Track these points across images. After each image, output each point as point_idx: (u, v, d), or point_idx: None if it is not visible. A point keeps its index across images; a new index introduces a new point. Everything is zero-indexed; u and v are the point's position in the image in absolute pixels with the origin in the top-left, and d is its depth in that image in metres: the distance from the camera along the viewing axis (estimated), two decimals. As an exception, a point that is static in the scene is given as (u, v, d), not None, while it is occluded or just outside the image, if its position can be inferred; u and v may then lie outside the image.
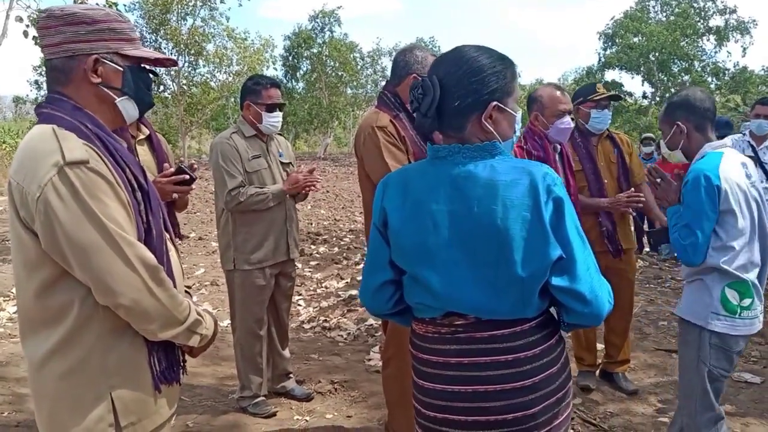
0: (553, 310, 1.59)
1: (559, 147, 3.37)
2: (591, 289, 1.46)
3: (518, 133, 1.61)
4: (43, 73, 22.08)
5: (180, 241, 4.03)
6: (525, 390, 1.49)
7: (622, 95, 4.98)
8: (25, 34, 8.18)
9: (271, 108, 3.41)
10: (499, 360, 1.49)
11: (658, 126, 2.96)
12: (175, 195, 2.72)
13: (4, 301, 5.87)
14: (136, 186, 1.48)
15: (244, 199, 3.30)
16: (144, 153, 2.91)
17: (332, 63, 30.16)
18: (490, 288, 1.46)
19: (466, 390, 1.51)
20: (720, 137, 2.54)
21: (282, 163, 3.59)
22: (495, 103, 1.50)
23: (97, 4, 8.49)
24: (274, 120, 3.44)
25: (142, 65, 1.58)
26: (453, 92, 1.48)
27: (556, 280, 1.45)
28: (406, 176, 1.59)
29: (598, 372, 4.01)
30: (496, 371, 1.49)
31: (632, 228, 3.93)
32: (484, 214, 1.44)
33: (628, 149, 3.89)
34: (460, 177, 1.48)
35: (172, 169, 2.64)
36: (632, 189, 3.72)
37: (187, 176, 2.57)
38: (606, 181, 3.74)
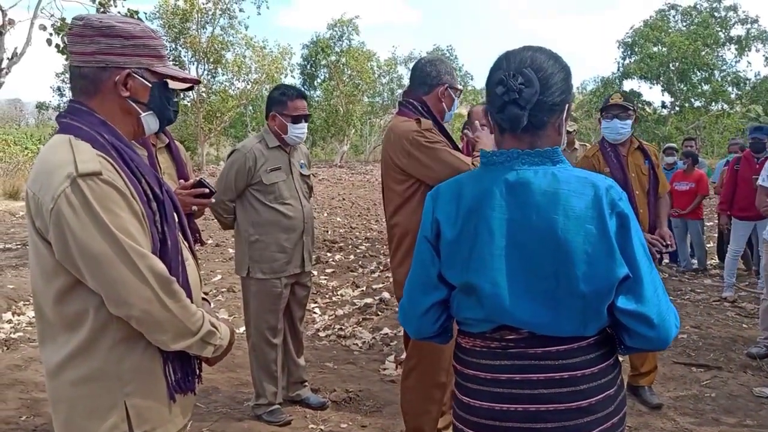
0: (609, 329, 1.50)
1: None
2: (659, 313, 1.36)
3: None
4: (65, 80, 22.44)
5: (200, 247, 4.05)
6: (581, 411, 1.39)
7: (630, 106, 4.82)
8: (49, 42, 8.33)
9: (297, 119, 3.41)
10: (554, 378, 1.39)
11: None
12: (194, 207, 2.73)
13: (24, 305, 5.94)
14: (151, 196, 1.48)
15: (215, 213, 3.46)
16: (164, 161, 2.94)
17: (349, 71, 30.31)
18: (548, 302, 1.37)
19: (516, 409, 1.41)
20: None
21: (302, 175, 3.59)
22: (569, 104, 1.46)
23: (118, 12, 8.63)
24: (299, 131, 3.44)
25: (167, 81, 1.60)
26: (549, 87, 1.41)
27: (622, 302, 1.36)
28: (459, 185, 1.50)
29: (625, 387, 3.96)
30: (550, 389, 1.39)
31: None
32: (544, 224, 1.35)
33: (656, 161, 3.85)
34: (519, 183, 1.39)
35: (192, 181, 2.65)
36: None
37: (207, 189, 2.58)
38: (637, 192, 3.70)
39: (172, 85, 1.61)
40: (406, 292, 1.59)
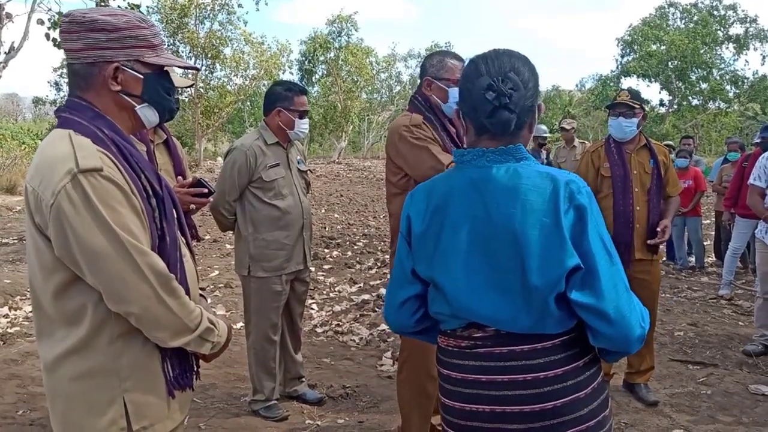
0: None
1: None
2: (617, 309, 1.33)
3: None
4: (62, 74, 22.37)
5: (197, 243, 4.05)
6: (546, 414, 1.38)
7: (636, 105, 4.78)
8: (47, 36, 8.30)
9: (302, 114, 3.42)
10: (518, 379, 1.39)
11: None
12: (192, 206, 2.72)
13: (21, 300, 5.93)
14: (150, 192, 1.47)
15: (218, 214, 3.45)
16: (161, 157, 2.94)
17: (348, 68, 30.25)
18: (507, 296, 1.39)
19: (483, 410, 1.42)
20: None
21: (300, 170, 3.58)
22: (539, 105, 1.50)
23: (119, 6, 8.60)
24: (304, 126, 3.46)
25: (168, 71, 1.57)
26: (527, 89, 1.45)
27: (576, 295, 1.34)
28: (432, 184, 1.54)
29: (622, 383, 3.99)
30: (514, 391, 1.39)
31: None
32: (503, 218, 1.38)
33: (665, 160, 3.85)
34: (482, 180, 1.43)
35: (191, 180, 2.64)
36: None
37: (206, 189, 2.58)
38: (636, 190, 3.72)
39: (176, 82, 1.60)
40: (387, 286, 1.65)
